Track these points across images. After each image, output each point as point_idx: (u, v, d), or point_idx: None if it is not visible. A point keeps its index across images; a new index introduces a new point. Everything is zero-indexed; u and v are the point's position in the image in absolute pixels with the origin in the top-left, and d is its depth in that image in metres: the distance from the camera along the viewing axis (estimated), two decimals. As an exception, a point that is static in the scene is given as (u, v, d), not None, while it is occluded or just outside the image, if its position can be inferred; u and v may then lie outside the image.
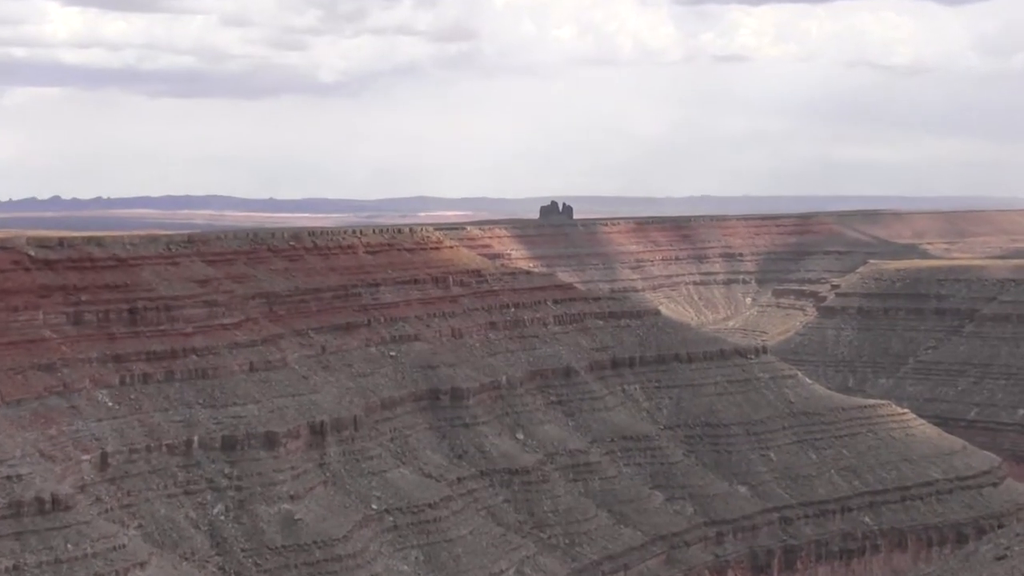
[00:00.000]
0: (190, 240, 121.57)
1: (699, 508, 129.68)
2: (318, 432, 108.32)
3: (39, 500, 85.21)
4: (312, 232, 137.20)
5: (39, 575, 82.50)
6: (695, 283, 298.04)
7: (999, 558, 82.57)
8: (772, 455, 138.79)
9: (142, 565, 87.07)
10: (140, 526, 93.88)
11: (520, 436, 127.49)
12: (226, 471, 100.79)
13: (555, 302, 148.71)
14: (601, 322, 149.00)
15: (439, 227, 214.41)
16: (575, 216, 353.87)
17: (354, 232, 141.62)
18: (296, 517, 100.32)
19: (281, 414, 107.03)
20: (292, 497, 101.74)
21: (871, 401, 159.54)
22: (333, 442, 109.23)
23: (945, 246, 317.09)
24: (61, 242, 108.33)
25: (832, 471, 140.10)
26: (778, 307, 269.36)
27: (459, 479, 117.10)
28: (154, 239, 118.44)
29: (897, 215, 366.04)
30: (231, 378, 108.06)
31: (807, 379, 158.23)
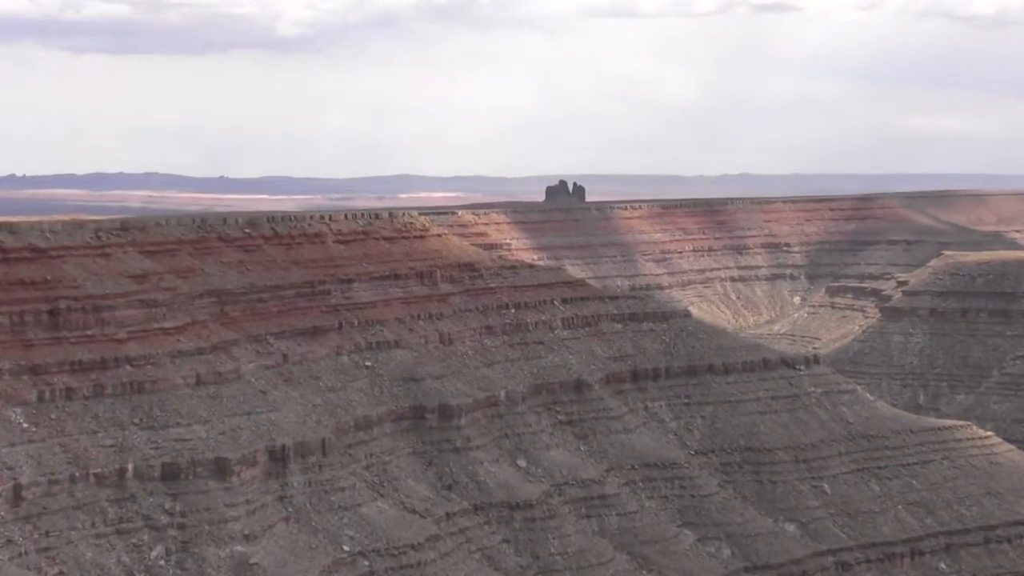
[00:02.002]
0: (123, 227, 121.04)
1: (738, 550, 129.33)
2: (278, 458, 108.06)
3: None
4: (271, 217, 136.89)
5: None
6: (732, 279, 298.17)
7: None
8: (826, 487, 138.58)
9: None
10: (61, 573, 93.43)
11: (522, 463, 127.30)
12: (167, 506, 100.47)
13: (564, 302, 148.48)
14: (619, 326, 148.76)
15: (424, 211, 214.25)
16: (587, 198, 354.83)
17: (322, 217, 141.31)
18: (252, 561, 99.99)
19: (234, 437, 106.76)
20: (247, 537, 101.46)
21: (947, 422, 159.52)
22: (297, 470, 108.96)
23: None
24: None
25: (899, 506, 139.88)
26: (833, 308, 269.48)
27: (448, 515, 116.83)
28: (80, 226, 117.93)
29: (977, 197, 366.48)
30: (173, 393, 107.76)
31: (868, 395, 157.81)
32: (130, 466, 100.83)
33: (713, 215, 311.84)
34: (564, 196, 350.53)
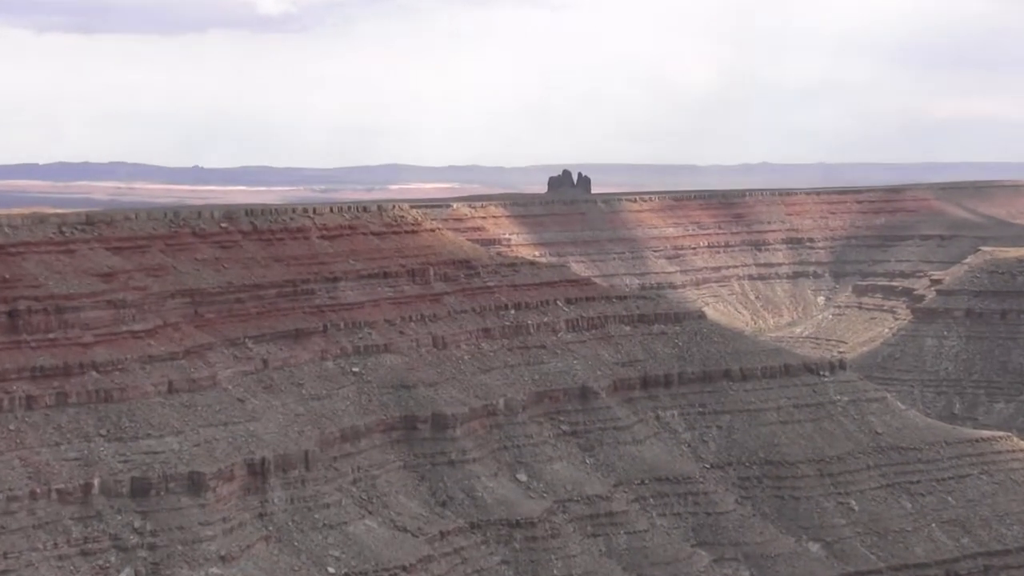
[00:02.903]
0: (89, 221, 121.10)
1: (757, 572, 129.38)
2: (258, 472, 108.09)
3: None
4: (250, 211, 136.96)
5: None
6: (751, 277, 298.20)
7: None
8: (853, 503, 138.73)
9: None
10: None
11: (522, 477, 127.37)
12: (136, 525, 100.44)
13: (568, 302, 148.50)
14: (628, 328, 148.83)
15: (417, 204, 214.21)
16: (593, 190, 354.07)
17: (305, 211, 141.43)
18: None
19: (209, 449, 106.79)
20: (223, 558, 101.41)
21: (985, 433, 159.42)
22: (278, 485, 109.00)
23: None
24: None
25: (933, 525, 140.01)
26: (860, 308, 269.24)
27: (442, 534, 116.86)
28: (42, 219, 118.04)
29: (1018, 188, 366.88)
30: (143, 402, 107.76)
31: (899, 403, 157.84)
32: (96, 481, 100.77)
33: (730, 208, 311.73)
34: (568, 187, 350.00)
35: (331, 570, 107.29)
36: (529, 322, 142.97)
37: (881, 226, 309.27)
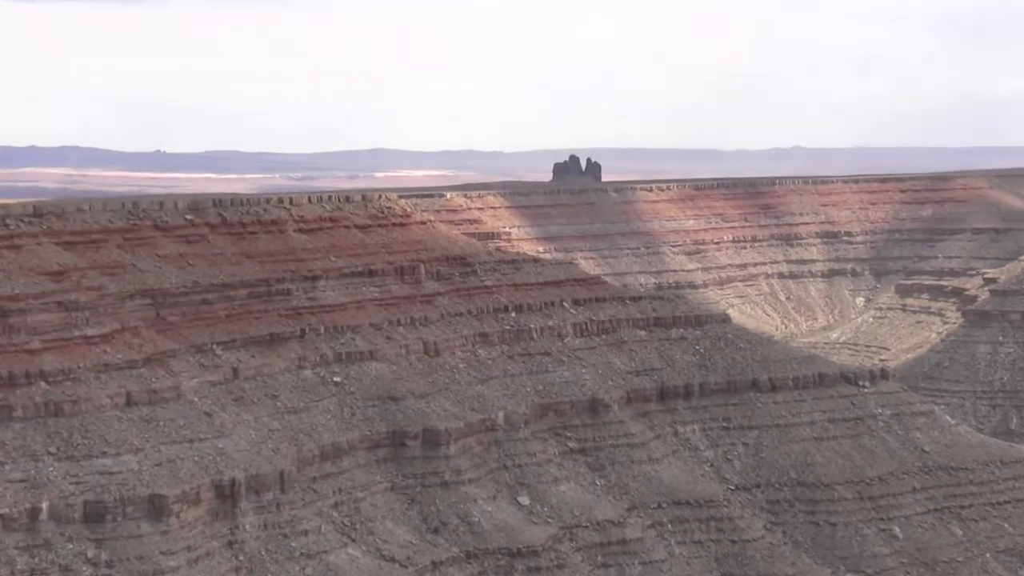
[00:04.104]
0: (37, 212, 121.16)
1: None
2: (227, 495, 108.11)
3: None
4: (219, 201, 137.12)
5: None
6: (781, 275, 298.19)
7: None
8: (897, 529, 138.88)
9: None
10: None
11: (524, 500, 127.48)
12: (90, 554, 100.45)
13: (575, 304, 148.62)
14: (643, 333, 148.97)
15: (405, 193, 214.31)
16: (604, 177, 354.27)
17: (280, 201, 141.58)
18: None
19: (172, 469, 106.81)
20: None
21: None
22: (250, 509, 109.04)
23: None
24: None
25: (987, 555, 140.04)
26: (904, 310, 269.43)
27: (434, 564, 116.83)
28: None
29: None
30: (98, 416, 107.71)
31: (948, 417, 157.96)
32: (45, 505, 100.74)
33: (758, 197, 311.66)
34: (575, 174, 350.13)
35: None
36: (532, 326, 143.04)
37: (928, 218, 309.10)
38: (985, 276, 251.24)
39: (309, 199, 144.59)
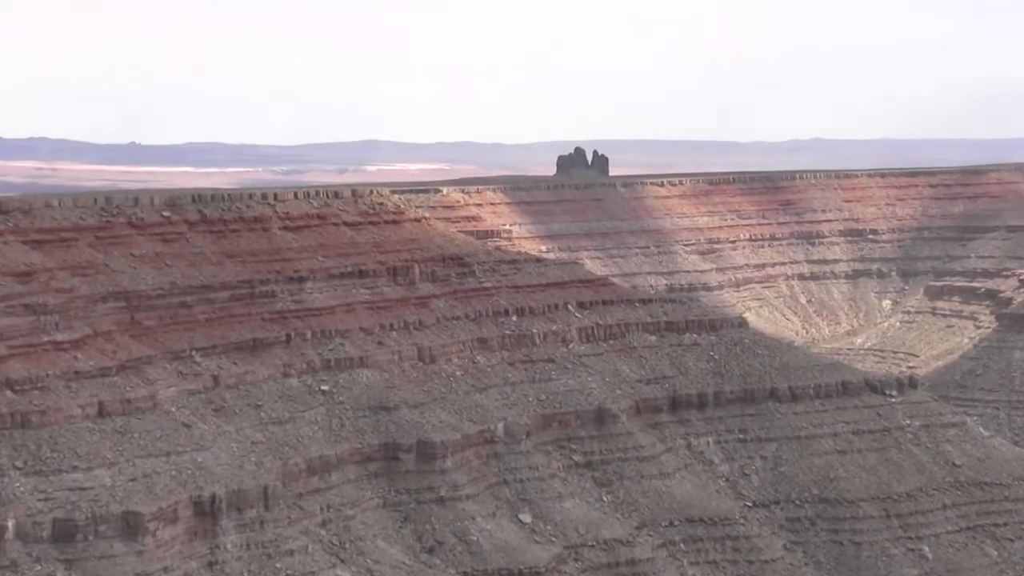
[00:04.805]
0: (2, 209, 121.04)
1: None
2: (207, 512, 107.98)
3: None
4: (199, 197, 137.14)
5: None
6: (801, 276, 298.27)
7: None
8: (926, 550, 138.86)
9: None
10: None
11: (526, 518, 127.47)
12: (59, 575, 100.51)
13: (581, 306, 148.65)
14: (653, 338, 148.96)
15: (398, 188, 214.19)
16: (612, 171, 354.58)
17: (264, 196, 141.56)
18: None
19: (148, 485, 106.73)
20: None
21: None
22: (231, 528, 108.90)
23: None
24: None
25: None
26: (934, 314, 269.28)
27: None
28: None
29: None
30: (69, 427, 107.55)
31: (981, 429, 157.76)
32: (11, 523, 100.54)
33: (776, 192, 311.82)
34: (581, 168, 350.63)
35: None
36: (534, 331, 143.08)
37: (960, 215, 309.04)
38: (1021, 277, 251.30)
39: (295, 195, 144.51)
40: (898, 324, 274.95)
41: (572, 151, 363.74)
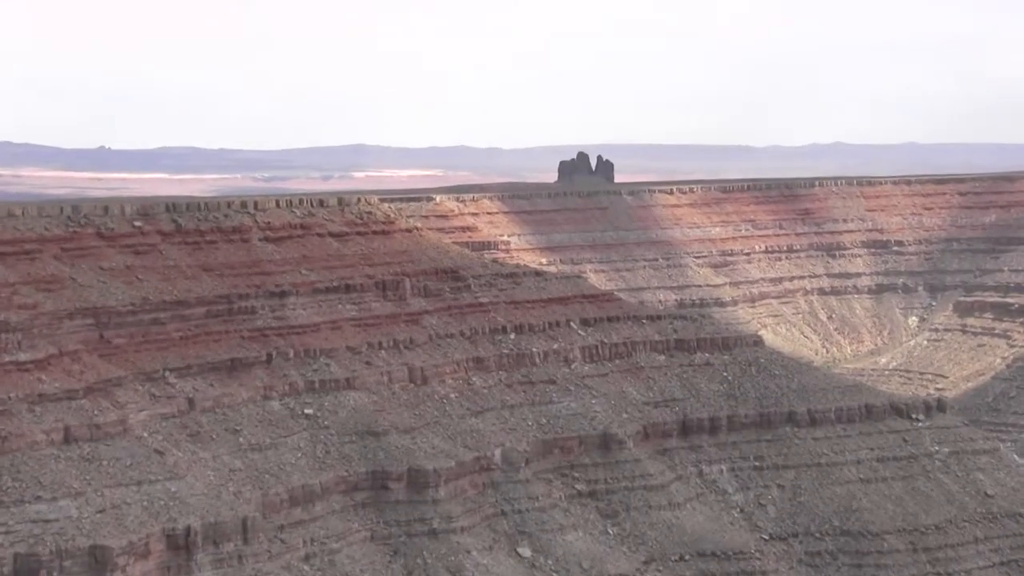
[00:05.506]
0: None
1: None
2: (181, 546, 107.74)
3: None
4: (173, 206, 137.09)
5: None
6: (821, 291, 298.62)
7: None
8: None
9: None
10: None
11: (525, 551, 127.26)
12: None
13: (584, 323, 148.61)
14: (662, 358, 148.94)
15: (388, 196, 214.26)
16: (617, 178, 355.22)
17: (243, 205, 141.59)
18: None
19: (118, 516, 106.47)
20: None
21: None
22: (207, 562, 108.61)
23: None
24: None
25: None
26: (964, 332, 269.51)
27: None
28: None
29: None
30: (32, 454, 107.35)
31: (1015, 456, 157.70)
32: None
33: (794, 201, 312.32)
34: (584, 174, 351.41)
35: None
36: (534, 350, 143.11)
37: (991, 225, 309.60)
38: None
39: (277, 203, 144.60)
40: (925, 343, 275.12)
41: (574, 156, 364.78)
